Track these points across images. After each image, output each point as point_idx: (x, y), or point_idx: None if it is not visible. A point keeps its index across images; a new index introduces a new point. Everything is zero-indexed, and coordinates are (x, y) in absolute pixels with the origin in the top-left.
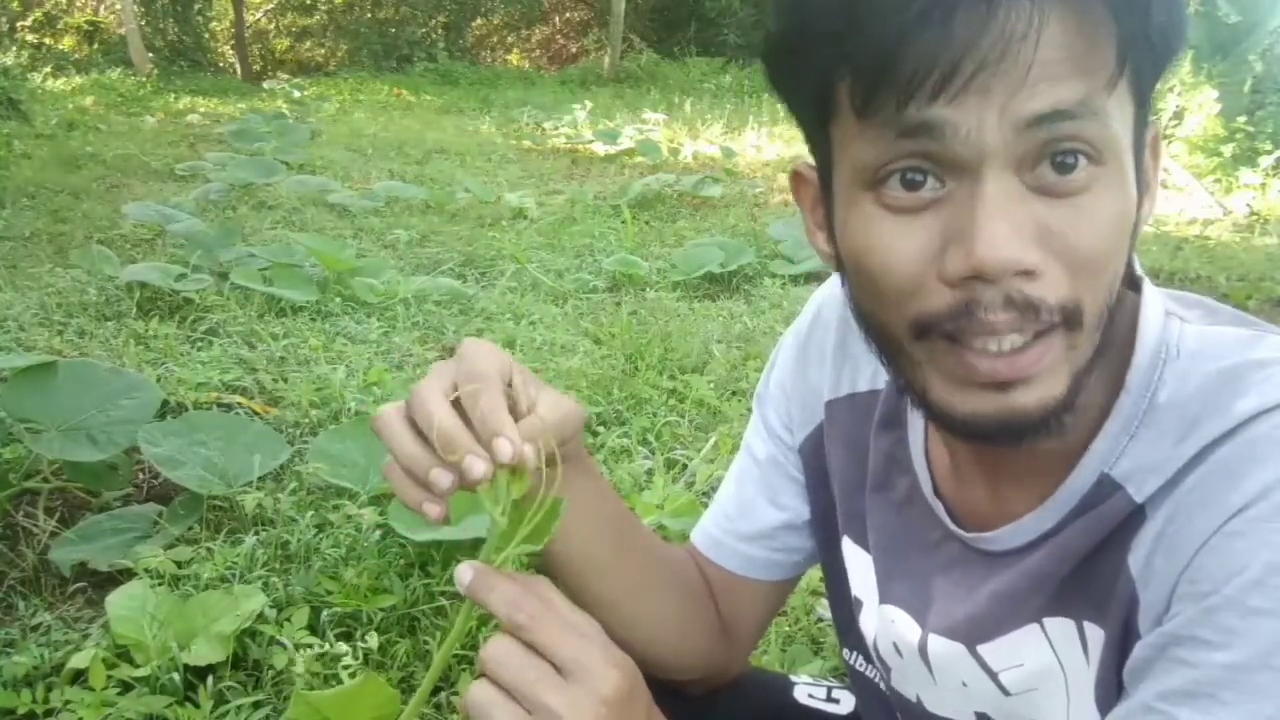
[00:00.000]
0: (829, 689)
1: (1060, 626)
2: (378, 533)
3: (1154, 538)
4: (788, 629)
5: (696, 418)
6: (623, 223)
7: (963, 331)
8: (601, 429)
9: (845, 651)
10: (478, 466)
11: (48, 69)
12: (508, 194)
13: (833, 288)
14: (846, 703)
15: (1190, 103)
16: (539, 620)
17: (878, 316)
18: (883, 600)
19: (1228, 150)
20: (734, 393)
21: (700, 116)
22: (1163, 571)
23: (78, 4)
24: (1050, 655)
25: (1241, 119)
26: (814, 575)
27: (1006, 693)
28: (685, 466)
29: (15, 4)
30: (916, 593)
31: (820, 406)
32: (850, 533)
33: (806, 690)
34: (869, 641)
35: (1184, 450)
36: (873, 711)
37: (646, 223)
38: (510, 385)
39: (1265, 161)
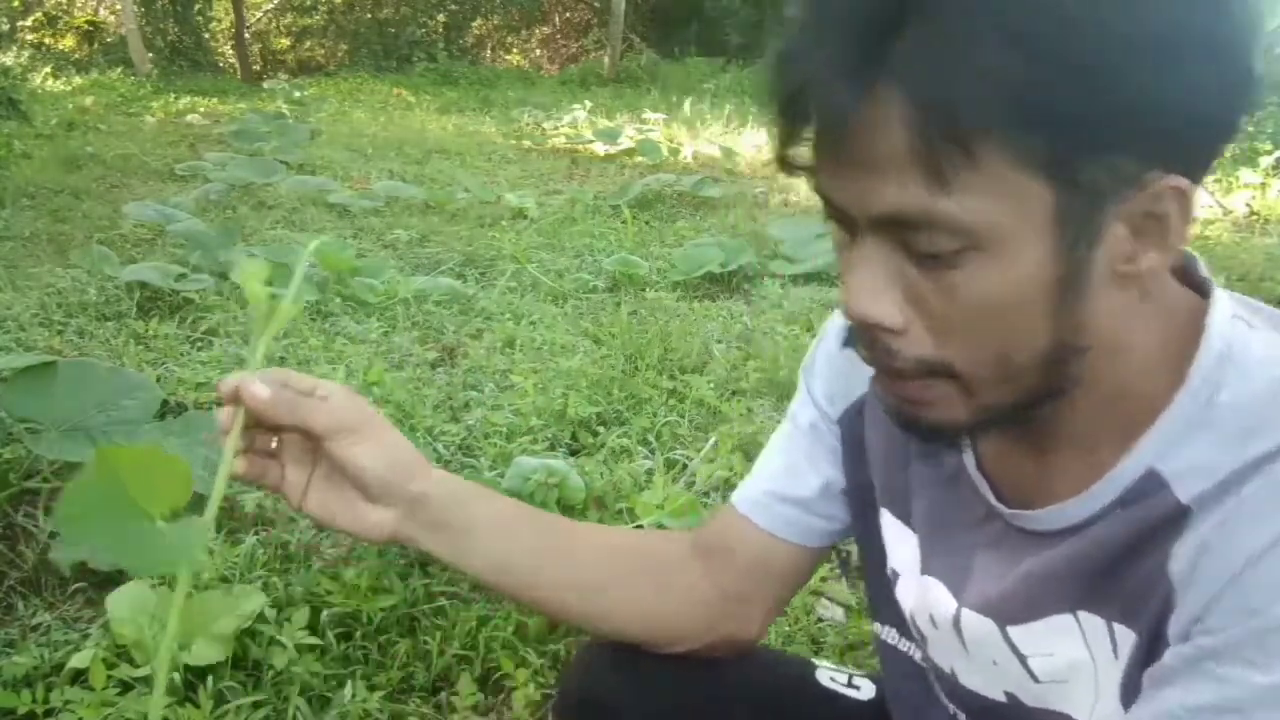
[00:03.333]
0: (850, 675)
1: (1093, 623)
2: None
3: (1199, 544)
4: (788, 629)
5: (696, 418)
6: (623, 223)
7: (866, 359)
8: (601, 429)
9: (877, 626)
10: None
11: (48, 69)
12: (508, 194)
13: None
14: (867, 690)
15: None
16: None
17: None
18: (924, 572)
19: (1228, 150)
20: (734, 393)
21: (700, 116)
22: (1206, 580)
23: (78, 4)
24: (1083, 649)
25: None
26: (815, 575)
27: (1036, 679)
28: (685, 466)
29: (16, 4)
30: (956, 568)
31: (864, 380)
32: (890, 506)
33: (829, 674)
34: (906, 614)
35: (1239, 456)
36: (904, 688)
37: (646, 223)
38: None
39: (1265, 161)
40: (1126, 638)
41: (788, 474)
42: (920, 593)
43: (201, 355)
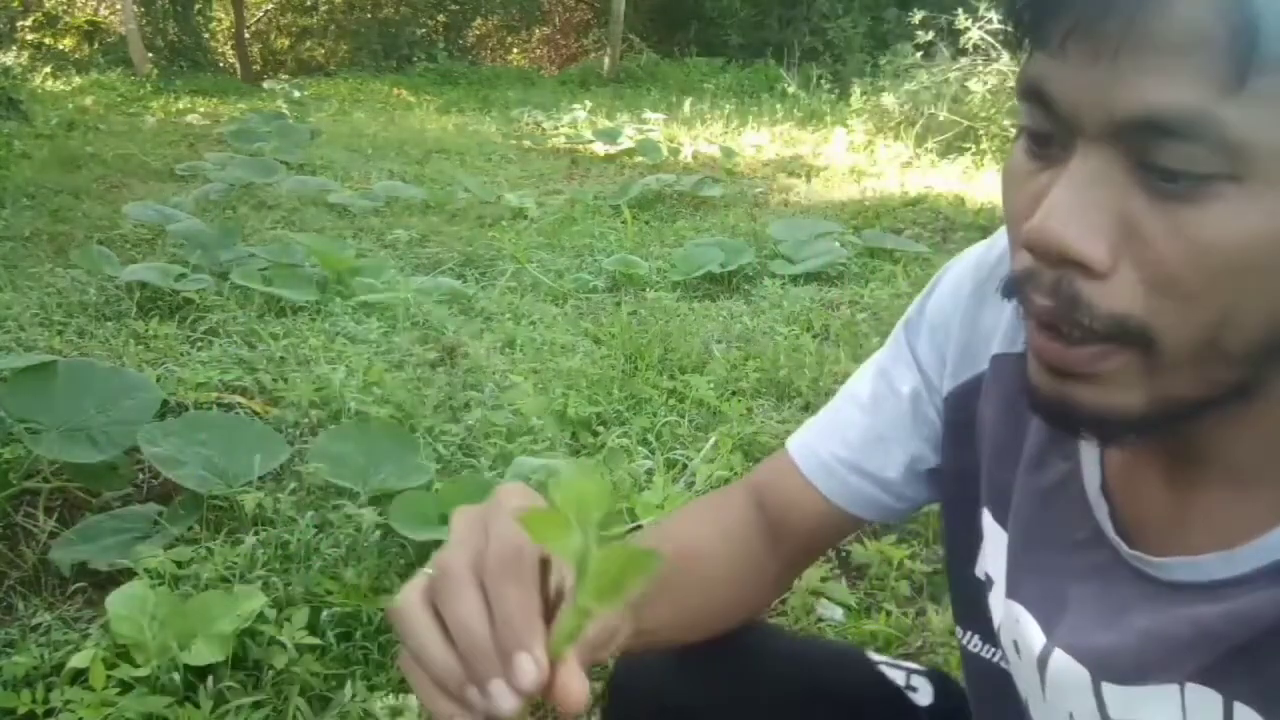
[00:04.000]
0: (908, 673)
1: (1203, 697)
2: (378, 533)
3: None
4: (789, 629)
5: (696, 418)
6: (623, 223)
7: (1025, 306)
8: (601, 429)
9: (959, 631)
10: (505, 701)
11: (48, 69)
12: (508, 194)
13: None
14: (924, 692)
15: None
16: None
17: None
18: (1009, 594)
19: None
20: (734, 393)
21: (700, 116)
22: None
23: (78, 4)
24: None
25: None
26: (813, 575)
27: None
28: (685, 466)
29: (15, 4)
30: (1048, 595)
31: (986, 357)
32: (992, 506)
33: (887, 670)
34: (995, 624)
35: None
36: (986, 694)
37: (646, 223)
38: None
39: None
40: None
41: (870, 444)
42: (1008, 617)
43: (201, 355)
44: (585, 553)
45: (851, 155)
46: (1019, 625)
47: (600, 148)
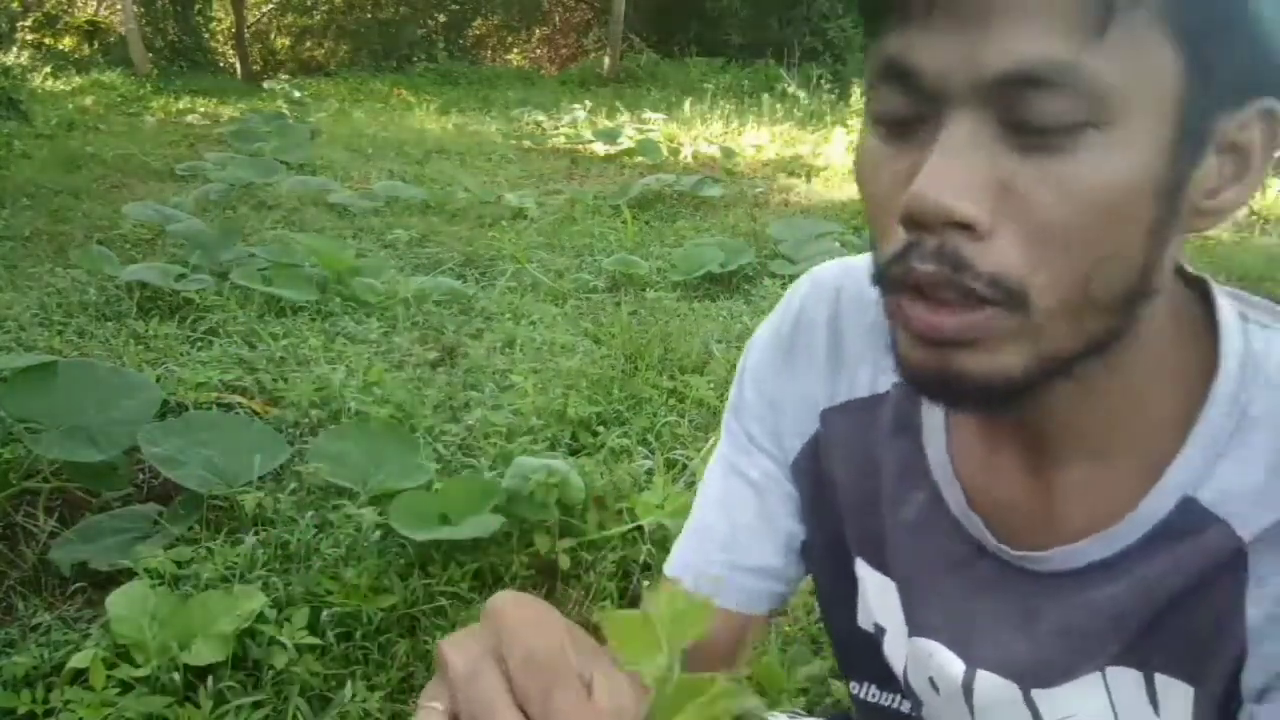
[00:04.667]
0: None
1: (1124, 677)
2: (378, 533)
3: (1274, 599)
4: (788, 628)
5: (696, 418)
6: (623, 223)
7: (903, 280)
8: (601, 429)
9: (853, 685)
10: None
11: (48, 69)
12: (508, 194)
13: (813, 286)
14: None
15: None
16: None
17: (873, 255)
18: (913, 632)
19: None
20: None
21: (700, 116)
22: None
23: (78, 4)
24: (1107, 710)
25: None
26: None
27: None
28: (685, 466)
29: (15, 4)
30: (954, 621)
31: (815, 416)
32: (865, 555)
33: None
34: (898, 671)
35: None
36: None
37: (646, 223)
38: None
39: None
40: (1174, 690)
41: (747, 540)
42: (914, 654)
43: (201, 355)
44: (668, 677)
45: (851, 155)
46: (933, 659)
47: (600, 148)
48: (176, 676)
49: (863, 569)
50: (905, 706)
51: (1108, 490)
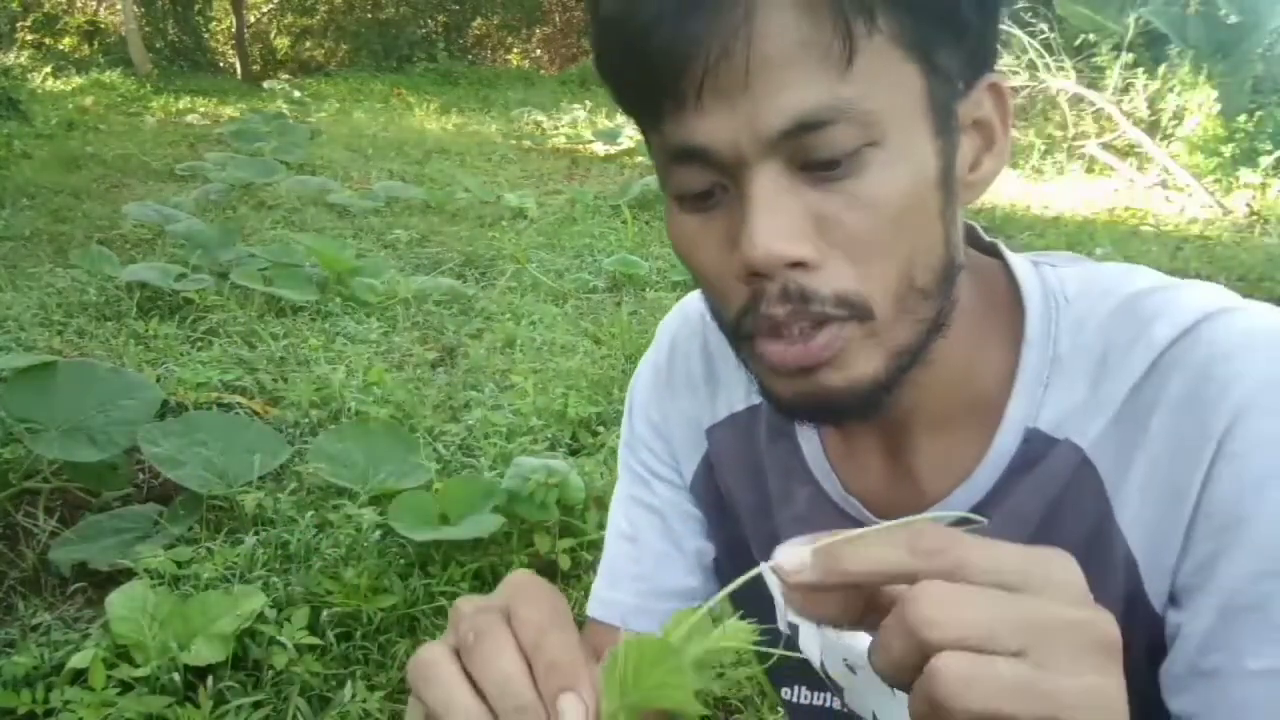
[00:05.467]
0: None
1: None
2: (378, 533)
3: (1139, 490)
4: None
5: None
6: (623, 223)
7: (757, 328)
8: (601, 429)
9: (784, 692)
10: None
11: (48, 69)
12: (508, 194)
13: (681, 317)
14: None
15: (1190, 103)
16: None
17: (716, 313)
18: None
19: (1228, 150)
20: None
21: None
22: (1165, 521)
23: (78, 4)
24: None
25: (1241, 119)
26: None
27: None
28: None
29: (15, 4)
30: None
31: (701, 436)
32: (767, 556)
33: None
34: (815, 665)
35: (1113, 391)
36: None
37: (646, 223)
38: None
39: (1265, 161)
40: None
41: (659, 566)
42: (825, 640)
43: (201, 355)
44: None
45: None
46: (841, 640)
47: (600, 148)
48: (176, 676)
49: (769, 572)
50: (836, 704)
51: (960, 449)
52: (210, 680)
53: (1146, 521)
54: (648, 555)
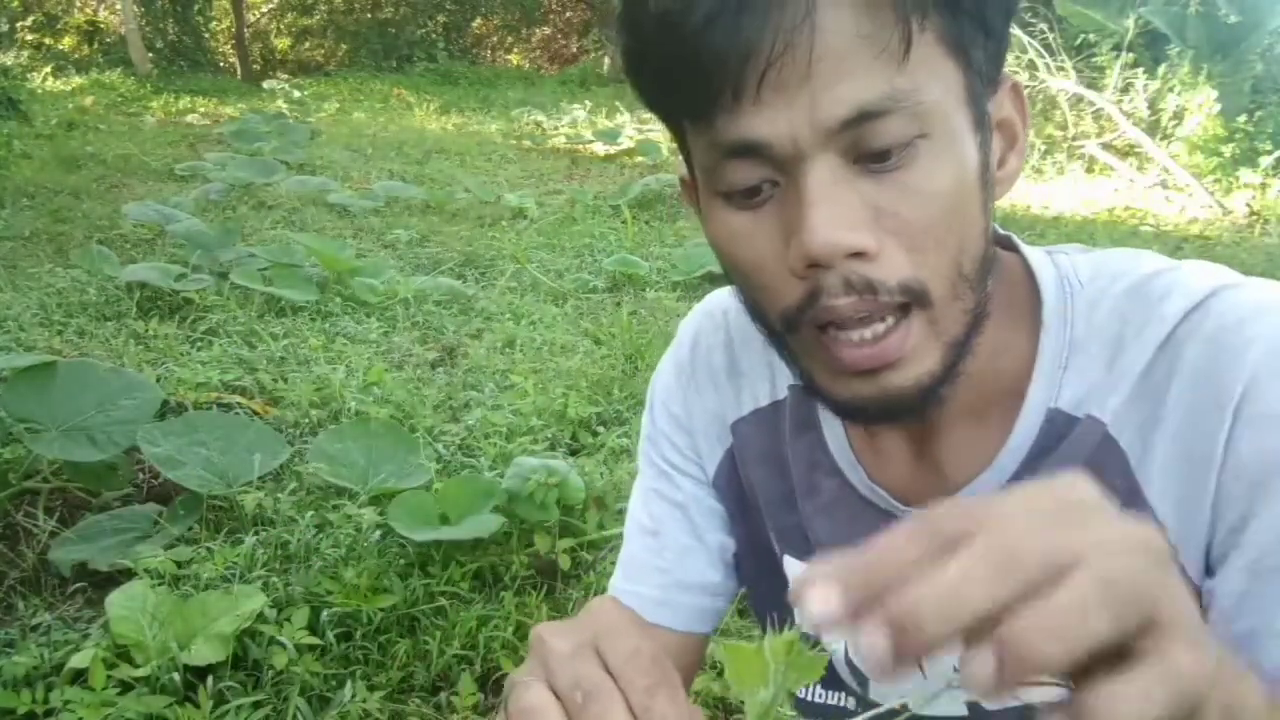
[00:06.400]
0: None
1: None
2: (378, 533)
3: (1163, 464)
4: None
5: None
6: (623, 223)
7: (817, 320)
8: (601, 429)
9: (800, 691)
10: None
11: (48, 69)
12: (508, 194)
13: (704, 314)
14: None
15: (1190, 103)
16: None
17: (758, 310)
18: None
19: (1228, 150)
20: None
21: None
22: (1191, 491)
23: (78, 4)
24: None
25: (1241, 119)
26: None
27: None
28: None
29: (15, 4)
30: None
31: (726, 430)
32: (789, 549)
33: None
34: (839, 656)
35: (1129, 367)
36: None
37: (646, 223)
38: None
39: (1265, 161)
40: None
41: (682, 560)
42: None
43: (201, 355)
44: (769, 712)
45: None
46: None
47: (600, 148)
48: (176, 676)
49: (790, 565)
50: (850, 703)
51: (983, 435)
52: (210, 680)
53: (1173, 493)
54: (670, 548)
